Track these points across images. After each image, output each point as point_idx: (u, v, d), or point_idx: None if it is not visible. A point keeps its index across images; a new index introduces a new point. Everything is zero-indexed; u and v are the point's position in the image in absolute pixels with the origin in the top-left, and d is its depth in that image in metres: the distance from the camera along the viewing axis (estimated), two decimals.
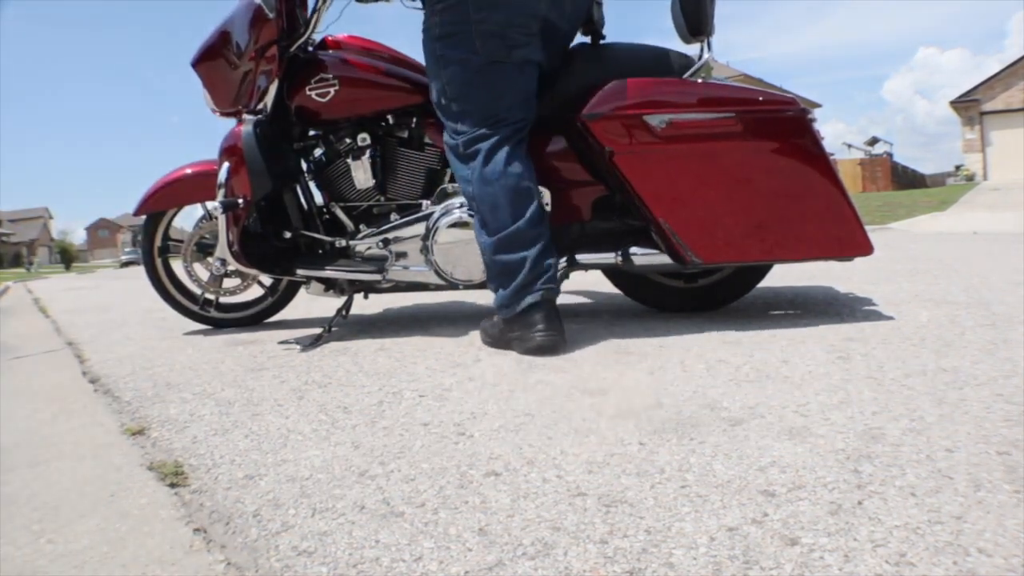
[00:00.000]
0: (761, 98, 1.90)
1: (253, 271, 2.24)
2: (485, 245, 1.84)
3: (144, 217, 2.42)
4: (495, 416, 1.24)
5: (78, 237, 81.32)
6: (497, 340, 1.86)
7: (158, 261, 2.44)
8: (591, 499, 0.87)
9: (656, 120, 1.86)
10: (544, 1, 1.81)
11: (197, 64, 2.29)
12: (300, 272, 2.20)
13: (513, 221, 1.78)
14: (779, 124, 1.87)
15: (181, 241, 2.42)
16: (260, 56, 2.15)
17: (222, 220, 2.15)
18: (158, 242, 2.43)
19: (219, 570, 0.77)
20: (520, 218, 1.78)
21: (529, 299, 1.76)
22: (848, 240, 1.89)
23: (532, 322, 1.75)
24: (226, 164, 2.13)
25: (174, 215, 2.45)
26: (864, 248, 1.89)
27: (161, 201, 2.36)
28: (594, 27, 2.06)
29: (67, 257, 49.11)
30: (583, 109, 1.89)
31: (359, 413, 1.32)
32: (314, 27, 2.14)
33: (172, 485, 1.02)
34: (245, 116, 2.17)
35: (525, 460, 1.02)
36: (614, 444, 1.06)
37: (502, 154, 1.80)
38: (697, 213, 1.88)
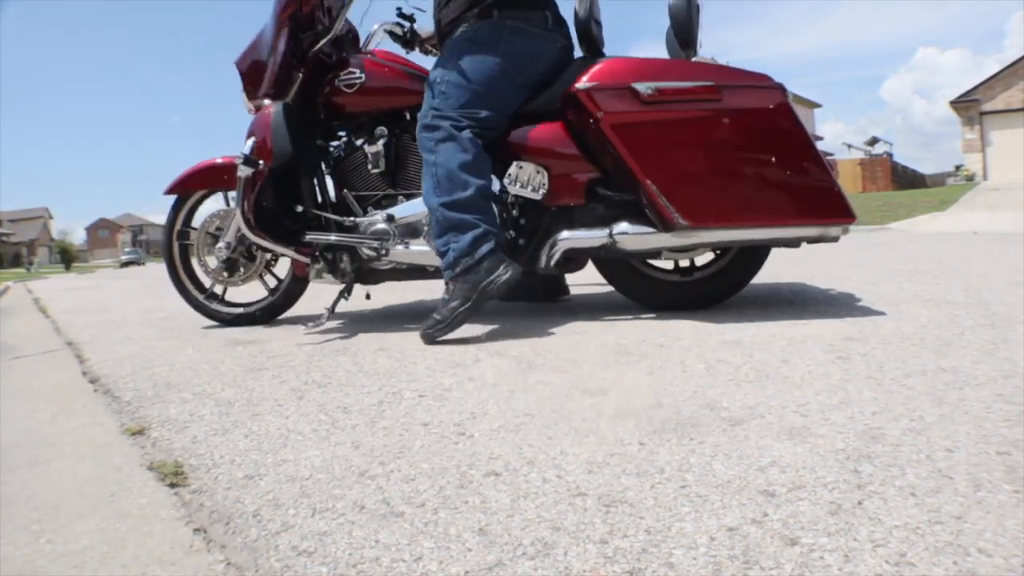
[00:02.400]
0: (739, 73, 2.03)
1: (265, 243, 2.32)
2: (436, 204, 2.00)
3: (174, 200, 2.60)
4: (495, 416, 1.24)
5: (78, 237, 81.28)
6: (457, 310, 1.92)
7: (175, 243, 2.60)
8: (591, 499, 0.87)
9: (643, 87, 1.97)
10: (556, 51, 2.15)
11: (239, 62, 2.46)
12: (308, 237, 2.31)
13: (465, 189, 1.98)
14: (757, 95, 1.98)
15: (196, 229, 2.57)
16: (287, 43, 2.28)
17: (240, 189, 2.25)
18: (179, 224, 2.59)
19: (219, 570, 0.77)
20: (471, 187, 1.98)
21: (486, 247, 1.94)
22: (830, 206, 1.95)
23: (494, 266, 1.93)
24: (252, 140, 2.27)
25: (197, 203, 2.59)
26: (846, 214, 1.95)
27: (188, 182, 2.54)
28: (595, 45, 2.19)
29: (67, 257, 49.12)
30: (576, 83, 2.03)
31: (359, 413, 1.32)
32: (338, 25, 2.30)
33: (172, 485, 1.02)
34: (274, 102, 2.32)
35: (525, 460, 1.02)
36: (614, 444, 1.06)
37: (468, 136, 2.02)
38: (682, 176, 1.98)
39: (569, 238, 2.10)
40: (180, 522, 0.89)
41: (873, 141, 31.06)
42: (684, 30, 2.10)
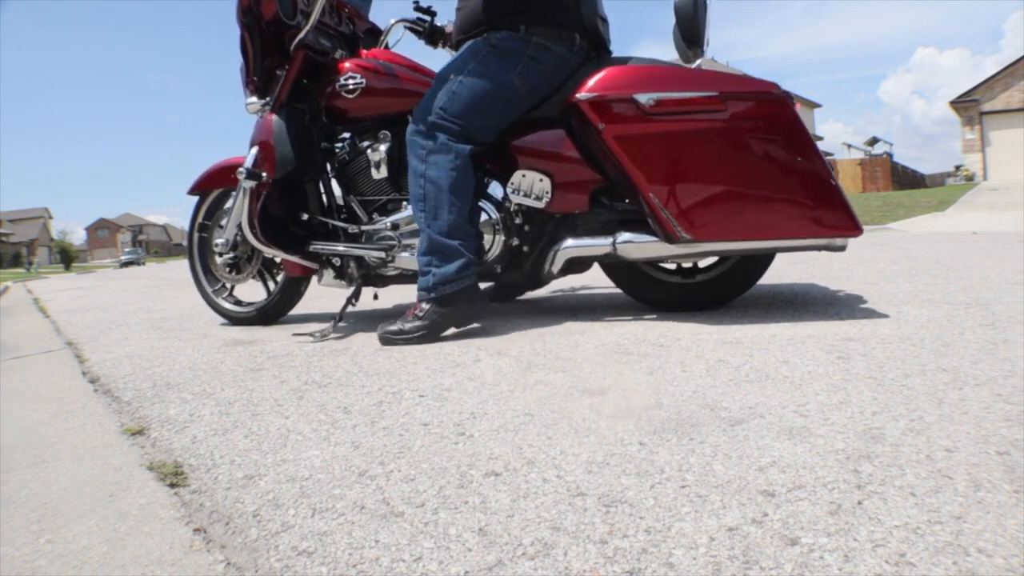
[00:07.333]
0: (744, 81, 1.98)
1: (272, 251, 2.34)
2: (422, 224, 2.03)
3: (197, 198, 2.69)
4: (495, 416, 1.24)
5: (78, 237, 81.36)
6: (421, 330, 1.97)
7: (195, 236, 2.69)
8: (591, 499, 0.87)
9: (644, 98, 1.94)
10: (572, 69, 2.08)
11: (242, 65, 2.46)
12: (314, 247, 2.33)
13: (451, 212, 2.00)
14: (763, 106, 1.93)
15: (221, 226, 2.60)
16: (254, 39, 2.27)
17: (244, 200, 2.27)
18: (200, 219, 2.68)
19: (219, 570, 0.77)
20: (456, 211, 2.00)
21: (468, 278, 2.00)
22: (836, 220, 1.91)
23: (470, 298, 2.01)
24: (254, 150, 2.29)
25: (218, 200, 2.64)
26: (852, 228, 1.92)
27: (206, 182, 2.61)
28: (602, 43, 2.16)
29: (67, 257, 49.15)
30: (578, 92, 2.00)
31: (359, 413, 1.32)
32: (314, 18, 2.26)
33: (172, 485, 1.02)
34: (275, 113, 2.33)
35: (525, 460, 1.02)
36: (614, 444, 1.06)
37: (464, 151, 2.02)
38: (685, 189, 1.94)
39: (572, 246, 2.09)
40: (180, 522, 0.89)
41: (873, 141, 31.06)
42: (690, 28, 2.06)
